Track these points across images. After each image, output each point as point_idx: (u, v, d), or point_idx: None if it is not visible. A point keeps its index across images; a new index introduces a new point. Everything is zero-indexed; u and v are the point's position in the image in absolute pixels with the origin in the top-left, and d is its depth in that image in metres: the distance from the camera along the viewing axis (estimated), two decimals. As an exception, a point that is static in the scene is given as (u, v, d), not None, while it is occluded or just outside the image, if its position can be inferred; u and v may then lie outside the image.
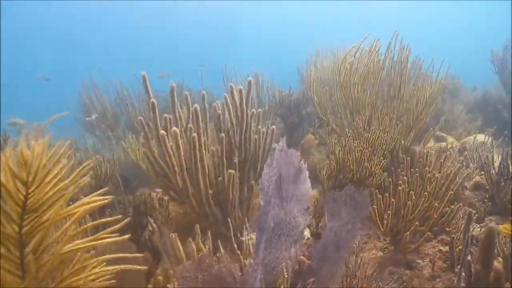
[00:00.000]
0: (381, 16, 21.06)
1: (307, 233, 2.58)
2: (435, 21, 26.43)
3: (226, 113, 2.42)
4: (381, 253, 2.43)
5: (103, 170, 3.04)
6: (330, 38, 5.61)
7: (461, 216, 1.92)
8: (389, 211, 1.74)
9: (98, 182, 2.96)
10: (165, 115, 2.35)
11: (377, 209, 1.76)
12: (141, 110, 5.13)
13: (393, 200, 1.74)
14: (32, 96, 20.09)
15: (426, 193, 1.77)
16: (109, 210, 2.22)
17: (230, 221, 1.72)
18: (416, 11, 25.04)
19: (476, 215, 2.15)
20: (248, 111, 2.48)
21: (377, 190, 1.89)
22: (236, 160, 2.44)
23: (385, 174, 2.30)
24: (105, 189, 1.01)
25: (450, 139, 3.76)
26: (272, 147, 2.08)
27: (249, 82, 2.51)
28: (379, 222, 1.85)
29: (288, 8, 26.90)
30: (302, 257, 1.43)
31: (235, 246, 1.52)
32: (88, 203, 0.93)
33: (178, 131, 2.06)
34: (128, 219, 1.09)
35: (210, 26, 27.83)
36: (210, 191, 2.32)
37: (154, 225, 2.34)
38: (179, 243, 1.84)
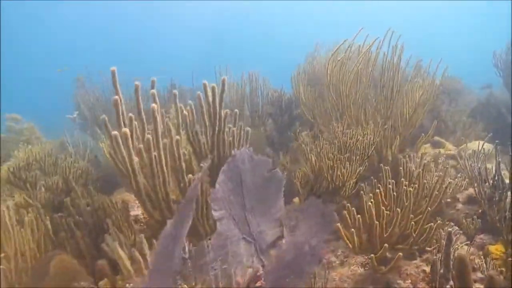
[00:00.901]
0: (383, 16, 20.67)
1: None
2: (436, 21, 25.95)
3: (199, 112, 2.25)
4: (362, 269, 2.21)
5: (71, 171, 2.87)
6: (329, 37, 5.39)
7: (445, 234, 1.69)
8: (352, 230, 1.52)
9: (65, 184, 2.78)
10: (130, 114, 2.20)
11: (342, 226, 1.55)
12: (129, 109, 5.00)
13: (358, 216, 1.52)
14: (32, 96, 20.16)
15: (399, 209, 1.54)
16: (60, 214, 2.04)
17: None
18: (419, 11, 24.64)
19: (459, 233, 1.90)
20: (222, 111, 2.31)
21: (349, 204, 1.67)
22: (204, 164, 2.25)
23: (361, 184, 2.06)
24: None
25: (448, 145, 3.49)
26: (233, 153, 1.90)
27: (223, 80, 2.34)
28: (347, 240, 1.63)
29: (289, 7, 26.71)
30: (239, 279, 1.23)
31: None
32: None
33: (128, 131, 1.88)
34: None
35: (210, 26, 27.74)
36: (173, 197, 2.14)
37: (112, 230, 2.16)
38: (123, 254, 1.66)
